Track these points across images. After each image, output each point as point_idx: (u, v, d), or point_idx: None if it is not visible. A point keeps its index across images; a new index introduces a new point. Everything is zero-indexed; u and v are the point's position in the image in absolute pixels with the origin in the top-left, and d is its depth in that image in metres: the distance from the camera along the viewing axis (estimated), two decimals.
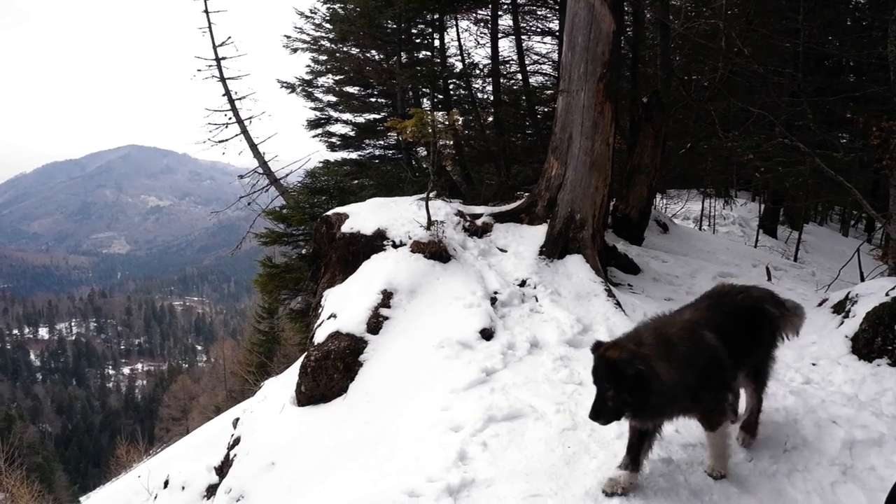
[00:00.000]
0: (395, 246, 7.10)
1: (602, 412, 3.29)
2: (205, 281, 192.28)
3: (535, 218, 8.06)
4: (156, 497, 7.21)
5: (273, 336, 28.78)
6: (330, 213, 7.64)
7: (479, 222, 7.99)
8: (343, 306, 6.32)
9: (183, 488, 6.93)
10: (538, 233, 7.75)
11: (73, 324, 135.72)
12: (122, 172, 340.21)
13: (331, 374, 5.67)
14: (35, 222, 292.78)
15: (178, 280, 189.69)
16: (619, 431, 4.00)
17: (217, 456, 6.79)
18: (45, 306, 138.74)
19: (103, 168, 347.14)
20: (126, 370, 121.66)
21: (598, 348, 3.37)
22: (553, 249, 7.42)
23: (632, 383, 3.18)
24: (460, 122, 7.43)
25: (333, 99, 15.35)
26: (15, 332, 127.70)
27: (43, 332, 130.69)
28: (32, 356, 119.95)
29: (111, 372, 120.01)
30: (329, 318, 6.23)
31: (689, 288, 8.47)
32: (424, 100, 14.62)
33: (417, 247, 6.92)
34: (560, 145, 7.62)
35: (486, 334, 5.83)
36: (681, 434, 4.21)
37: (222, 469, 6.44)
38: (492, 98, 13.53)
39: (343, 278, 7.05)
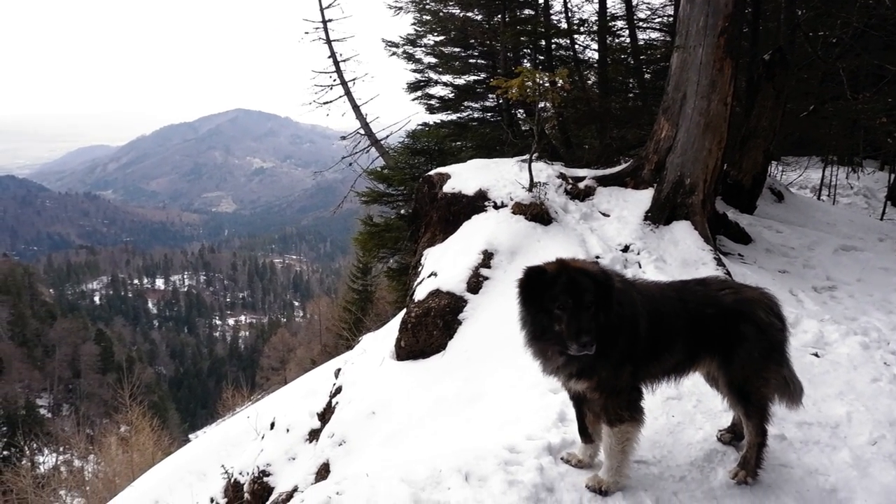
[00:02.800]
0: (496, 207, 7.05)
1: (591, 330, 2.78)
2: (303, 240, 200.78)
3: (640, 182, 7.75)
4: (263, 437, 7.67)
5: (366, 295, 29.72)
6: (432, 172, 7.67)
7: (581, 185, 7.78)
8: (443, 265, 6.37)
9: (287, 430, 7.32)
10: (643, 197, 7.45)
11: (185, 276, 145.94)
12: (230, 135, 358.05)
13: (430, 330, 5.76)
14: (153, 181, 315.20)
15: (278, 239, 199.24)
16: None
17: (319, 403, 7.10)
18: (162, 259, 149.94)
19: (213, 131, 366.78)
20: (231, 321, 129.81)
21: (562, 263, 2.98)
22: (659, 215, 7.11)
23: (608, 297, 2.88)
24: (567, 83, 7.19)
25: (434, 60, 15.28)
26: (136, 281, 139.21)
27: (159, 283, 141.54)
28: (150, 304, 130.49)
29: (218, 322, 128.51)
30: (429, 276, 6.30)
31: (805, 260, 7.90)
32: (525, 60, 14.28)
33: (519, 208, 6.84)
34: (672, 105, 7.23)
35: None
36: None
37: (324, 415, 6.74)
38: (597, 57, 13.01)
39: (443, 238, 7.09)
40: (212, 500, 7.56)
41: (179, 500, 7.73)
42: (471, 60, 15.71)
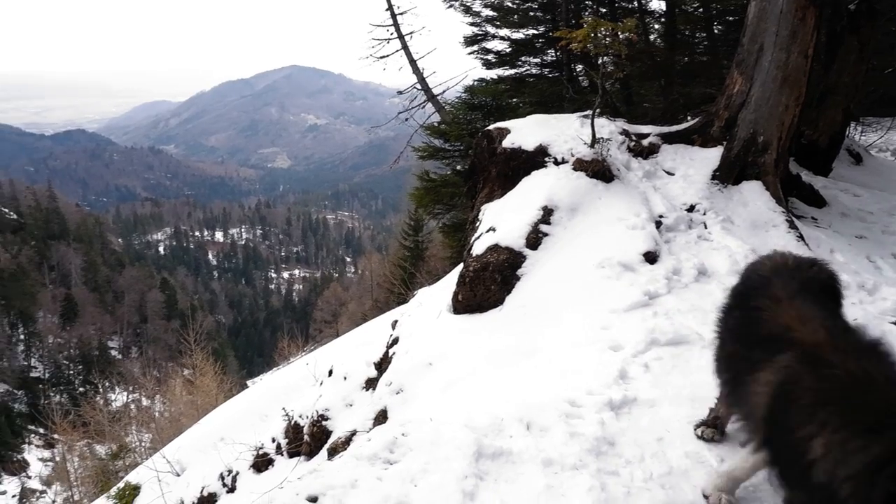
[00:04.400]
0: (556, 163, 6.92)
1: None
2: (355, 197, 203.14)
3: (708, 139, 7.44)
4: (321, 384, 7.93)
5: (417, 252, 29.96)
6: (491, 127, 7.56)
7: (645, 142, 7.53)
8: (502, 220, 6.33)
9: (345, 378, 7.54)
10: (711, 155, 7.17)
11: (242, 230, 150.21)
12: (285, 92, 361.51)
13: (488, 285, 5.76)
14: (212, 136, 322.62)
15: (331, 195, 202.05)
16: None
17: (375, 353, 7.26)
18: (221, 213, 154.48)
19: (269, 87, 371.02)
20: (285, 274, 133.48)
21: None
22: (728, 174, 6.84)
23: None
24: (635, 34, 6.90)
25: (492, 13, 14.92)
26: (197, 233, 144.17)
27: (219, 236, 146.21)
28: (210, 256, 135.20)
29: (273, 275, 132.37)
30: (487, 231, 6.28)
31: (885, 226, 7.50)
32: (586, 13, 13.78)
33: (580, 164, 6.69)
34: (747, 58, 6.86)
35: (650, 257, 5.59)
36: None
37: (381, 365, 6.89)
38: (664, 7, 12.43)
39: (501, 193, 7.03)
40: (273, 440, 7.90)
41: (243, 438, 8.10)
42: (530, 13, 15.27)
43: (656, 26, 13.89)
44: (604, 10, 13.33)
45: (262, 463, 7.97)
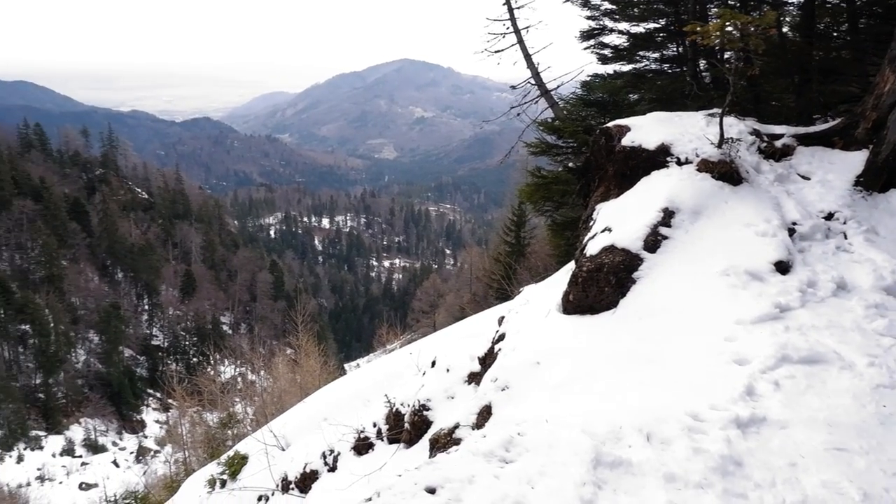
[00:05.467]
0: (679, 163, 6.60)
1: None
2: (457, 190, 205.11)
3: (851, 142, 6.84)
4: (423, 374, 8.04)
5: (519, 248, 29.75)
6: (610, 124, 7.33)
7: (778, 143, 7.04)
8: (618, 221, 6.12)
9: (448, 370, 7.59)
10: (854, 160, 6.58)
11: (347, 217, 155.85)
12: (395, 84, 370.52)
13: (601, 286, 5.60)
14: (324, 127, 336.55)
15: (434, 187, 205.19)
16: None
17: (480, 348, 7.26)
18: (328, 200, 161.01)
19: (380, 80, 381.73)
20: (386, 263, 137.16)
21: None
22: (874, 181, 6.25)
23: None
24: (773, 26, 6.45)
25: (611, 6, 14.46)
26: (305, 219, 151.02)
27: (325, 222, 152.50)
28: (316, 241, 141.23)
29: (374, 263, 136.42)
30: (602, 231, 6.10)
31: None
32: (711, 5, 13.05)
33: (705, 165, 6.35)
34: None
35: (782, 267, 5.21)
36: None
37: (485, 360, 6.88)
38: None
39: (618, 193, 6.80)
40: (374, 425, 8.11)
41: (346, 420, 8.37)
42: (652, 6, 14.67)
43: (787, 18, 12.90)
44: (731, 2, 12.56)
45: (362, 446, 8.21)
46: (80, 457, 52.09)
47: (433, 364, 8.10)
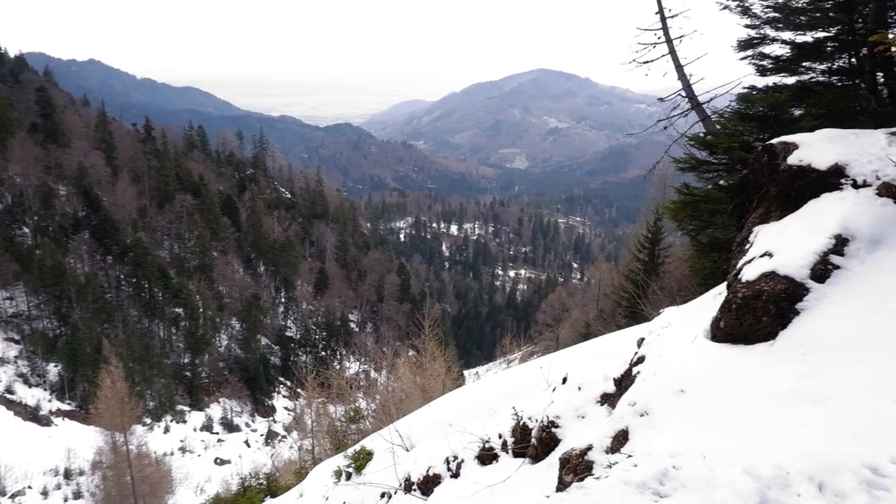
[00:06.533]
0: (854, 186, 5.98)
1: None
2: (588, 203, 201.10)
3: None
4: (553, 390, 7.90)
5: (652, 267, 28.51)
6: (775, 141, 6.79)
7: None
8: (780, 246, 5.65)
9: (579, 388, 7.40)
10: None
11: (476, 225, 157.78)
12: (530, 94, 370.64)
13: (759, 315, 5.19)
14: (457, 135, 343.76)
15: (564, 199, 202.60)
16: None
17: (615, 368, 7.00)
18: (458, 207, 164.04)
19: (515, 90, 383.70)
20: (511, 273, 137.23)
21: None
22: None
23: None
24: None
25: (774, 14, 13.47)
26: (434, 225, 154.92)
27: (453, 229, 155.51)
28: (444, 247, 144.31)
29: (500, 272, 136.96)
30: (762, 255, 5.66)
31: None
32: (894, 14, 11.75)
33: (887, 189, 5.70)
34: None
35: None
36: None
37: (621, 382, 6.63)
38: None
39: (780, 215, 6.29)
40: (500, 436, 8.08)
41: (471, 428, 8.42)
42: (823, 14, 13.50)
43: None
44: None
45: (486, 456, 8.20)
46: (217, 433, 56.88)
47: (564, 380, 7.94)
